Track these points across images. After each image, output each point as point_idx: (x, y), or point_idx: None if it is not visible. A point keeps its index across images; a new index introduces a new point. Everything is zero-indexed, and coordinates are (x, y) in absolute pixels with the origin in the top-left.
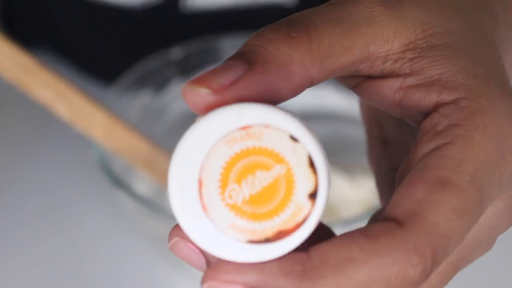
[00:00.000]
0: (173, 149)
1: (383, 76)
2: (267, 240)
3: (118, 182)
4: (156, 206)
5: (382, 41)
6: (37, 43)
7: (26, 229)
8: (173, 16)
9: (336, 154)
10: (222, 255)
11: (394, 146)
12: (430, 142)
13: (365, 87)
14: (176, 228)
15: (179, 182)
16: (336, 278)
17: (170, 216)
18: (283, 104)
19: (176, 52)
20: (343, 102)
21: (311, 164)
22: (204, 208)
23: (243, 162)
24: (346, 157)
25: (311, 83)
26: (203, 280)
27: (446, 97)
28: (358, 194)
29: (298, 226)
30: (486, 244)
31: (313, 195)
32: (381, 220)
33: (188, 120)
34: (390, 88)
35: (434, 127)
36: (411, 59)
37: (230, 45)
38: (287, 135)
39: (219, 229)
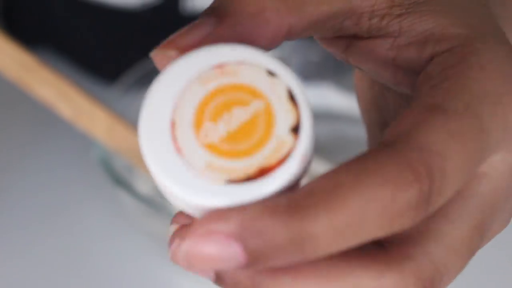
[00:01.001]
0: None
1: (371, 35)
2: (248, 178)
3: (120, 181)
4: (158, 205)
5: None
6: (38, 42)
7: (27, 229)
8: (173, 17)
9: (337, 154)
10: (199, 199)
11: (383, 100)
12: (425, 85)
13: (355, 49)
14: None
15: (150, 126)
16: (327, 208)
17: (172, 215)
18: None
19: None
20: (343, 101)
21: (291, 98)
22: (178, 149)
23: (218, 100)
24: (347, 157)
25: (289, 33)
26: (181, 242)
27: (439, 48)
28: None
29: (281, 162)
30: (506, 209)
31: (295, 129)
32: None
33: None
34: (381, 48)
35: (430, 74)
36: (399, 15)
37: None
38: (263, 70)
39: (195, 170)
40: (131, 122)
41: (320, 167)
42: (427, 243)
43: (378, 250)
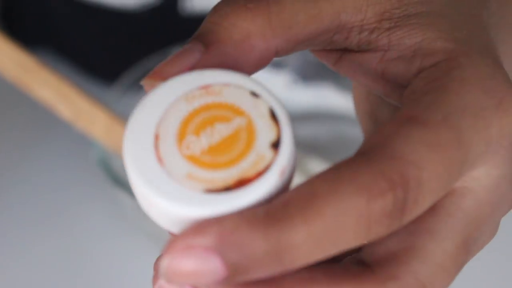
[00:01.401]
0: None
1: (361, 49)
2: (227, 188)
3: (119, 181)
4: None
5: (354, 10)
6: (37, 43)
7: (27, 229)
8: (172, 18)
9: (337, 154)
10: (177, 208)
11: (376, 99)
12: (408, 98)
13: (345, 62)
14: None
15: (134, 138)
16: (304, 217)
17: None
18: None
19: (177, 51)
20: (343, 101)
21: (273, 116)
22: (159, 159)
23: (202, 116)
24: (347, 157)
25: (276, 54)
26: (160, 260)
27: (426, 63)
28: None
29: (259, 174)
30: (491, 223)
31: (275, 145)
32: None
33: None
34: (371, 62)
35: (414, 88)
36: (388, 29)
37: None
38: (247, 91)
39: (174, 180)
40: None
41: (320, 167)
42: (412, 261)
43: (364, 270)
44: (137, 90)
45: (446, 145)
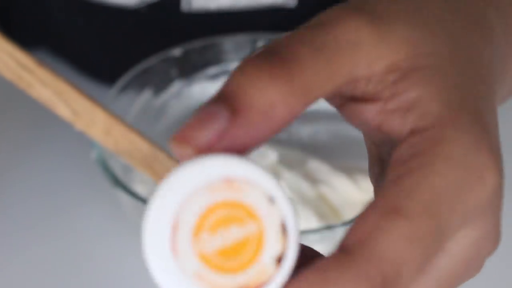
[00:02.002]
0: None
1: (365, 98)
2: None
3: (118, 182)
4: None
5: (365, 65)
6: (36, 43)
7: (26, 229)
8: (173, 16)
9: (337, 155)
10: None
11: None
12: (393, 172)
13: (348, 109)
14: None
15: (154, 222)
16: None
17: None
18: None
19: (177, 52)
20: None
21: (283, 229)
22: (174, 250)
23: (220, 213)
24: (347, 158)
25: (295, 118)
26: None
27: (417, 124)
28: (360, 196)
29: (259, 286)
30: (467, 273)
31: (279, 260)
32: (334, 251)
33: (187, 120)
34: (371, 112)
35: (401, 157)
36: (394, 82)
37: (230, 45)
38: (265, 195)
39: (184, 275)
40: (130, 123)
41: (320, 167)
42: None
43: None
44: (137, 90)
45: (425, 237)
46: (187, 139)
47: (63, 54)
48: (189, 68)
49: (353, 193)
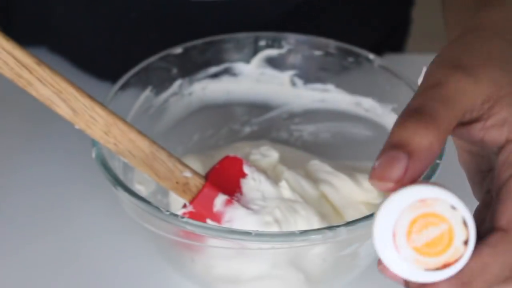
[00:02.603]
0: (172, 149)
1: (470, 121)
2: (437, 269)
3: (118, 181)
4: (156, 205)
5: (470, 103)
6: (36, 42)
7: (26, 228)
8: (172, 7)
9: (339, 155)
10: (409, 277)
11: (479, 157)
12: (506, 171)
13: (459, 130)
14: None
15: (381, 233)
16: (482, 277)
17: (169, 215)
18: None
19: (177, 51)
20: (344, 101)
21: (464, 223)
22: (396, 249)
23: (421, 222)
24: (349, 158)
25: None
26: None
27: (510, 135)
28: (362, 196)
29: (456, 260)
30: None
31: (465, 242)
32: (491, 229)
33: (187, 119)
34: (475, 130)
35: (506, 159)
36: (489, 108)
37: (231, 44)
38: (449, 205)
39: (406, 262)
40: (130, 122)
41: (320, 167)
42: None
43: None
44: (137, 89)
45: None
46: (385, 177)
47: (63, 52)
48: (190, 67)
49: (355, 193)
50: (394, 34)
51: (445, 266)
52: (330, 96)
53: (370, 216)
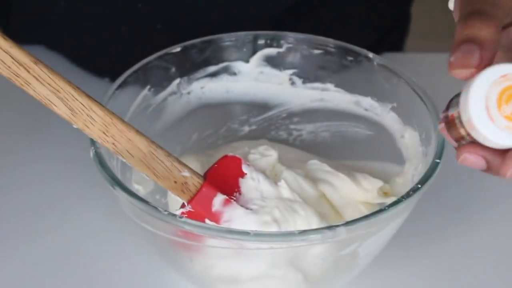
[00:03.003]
0: (171, 148)
1: (508, 25)
2: None
3: (116, 181)
4: (154, 205)
5: (509, 6)
6: (36, 40)
7: (25, 228)
8: (174, 15)
9: (338, 155)
10: (502, 142)
11: None
12: None
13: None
14: (462, 148)
15: (477, 110)
16: None
17: (168, 215)
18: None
19: (176, 50)
20: (343, 101)
21: None
22: (491, 119)
23: (506, 93)
24: (348, 158)
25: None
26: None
27: None
28: (361, 195)
29: None
30: None
31: None
32: None
33: (186, 119)
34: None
35: None
36: None
37: (229, 42)
38: None
39: (499, 128)
40: (129, 121)
41: (319, 166)
42: None
43: None
44: (136, 89)
45: None
46: (467, 65)
47: (62, 50)
48: (189, 66)
49: (354, 192)
50: (394, 32)
51: None
52: (329, 95)
53: (369, 216)
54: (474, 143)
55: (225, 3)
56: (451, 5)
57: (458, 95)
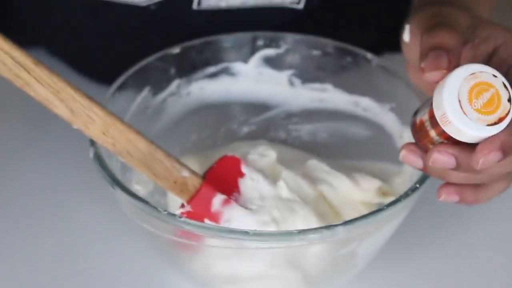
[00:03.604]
0: (170, 149)
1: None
2: (495, 123)
3: (116, 181)
4: (154, 205)
5: (462, 26)
6: (36, 44)
7: (25, 228)
8: (180, 15)
9: (337, 155)
10: (474, 133)
11: None
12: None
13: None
14: (431, 151)
15: (451, 104)
16: None
17: (167, 215)
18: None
19: (175, 51)
20: (343, 101)
21: (505, 86)
22: (464, 112)
23: (476, 89)
24: (347, 158)
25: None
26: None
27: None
28: (360, 195)
29: (507, 114)
30: None
31: (509, 100)
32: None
33: (185, 119)
34: (467, 49)
35: (500, 59)
36: (472, 32)
37: (229, 43)
38: (491, 74)
39: (472, 120)
40: (128, 122)
41: (319, 166)
42: None
43: None
44: (136, 89)
45: None
46: (438, 67)
47: (61, 55)
48: (188, 67)
49: (353, 192)
50: (393, 33)
51: (500, 120)
52: (328, 95)
53: (368, 216)
54: (443, 143)
55: (224, 17)
56: (406, 37)
57: (423, 104)
